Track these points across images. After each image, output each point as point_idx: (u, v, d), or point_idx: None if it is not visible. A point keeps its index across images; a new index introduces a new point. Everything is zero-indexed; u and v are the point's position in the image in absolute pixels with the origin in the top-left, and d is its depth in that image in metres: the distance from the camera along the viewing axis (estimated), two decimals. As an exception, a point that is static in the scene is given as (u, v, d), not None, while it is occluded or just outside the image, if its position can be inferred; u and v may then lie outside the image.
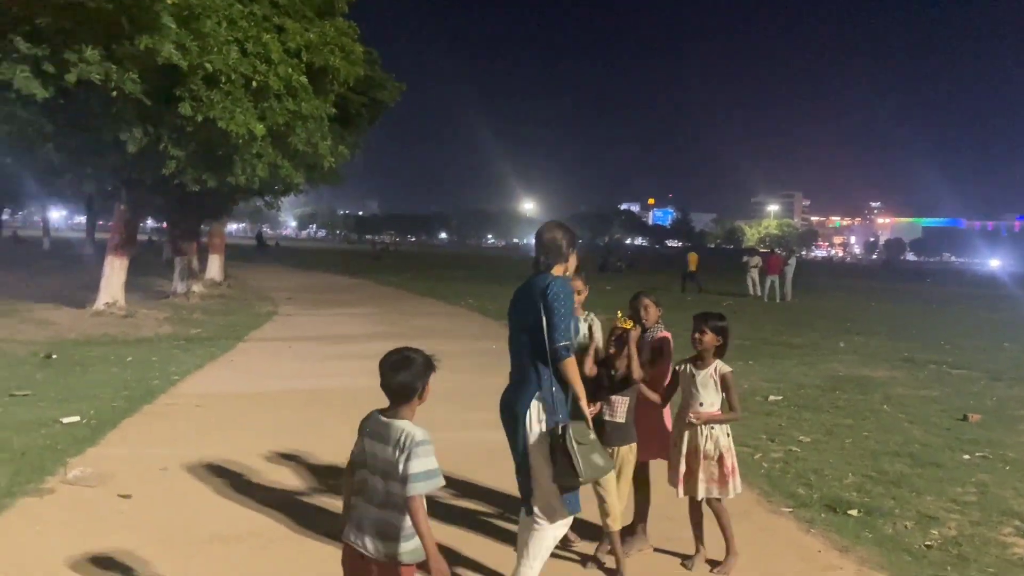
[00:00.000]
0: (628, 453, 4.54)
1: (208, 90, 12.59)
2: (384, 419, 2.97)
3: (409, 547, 2.89)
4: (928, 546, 4.97)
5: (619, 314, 4.55)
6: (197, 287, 20.39)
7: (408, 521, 2.86)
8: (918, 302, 29.50)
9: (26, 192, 41.86)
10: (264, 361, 11.20)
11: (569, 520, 3.93)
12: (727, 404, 4.63)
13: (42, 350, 10.97)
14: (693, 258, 31.26)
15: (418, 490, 2.81)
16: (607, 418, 4.48)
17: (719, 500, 4.59)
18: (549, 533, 3.86)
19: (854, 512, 5.53)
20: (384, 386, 2.97)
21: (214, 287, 22.62)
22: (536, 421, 3.81)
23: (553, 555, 4.14)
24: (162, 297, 19.64)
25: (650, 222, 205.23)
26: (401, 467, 2.83)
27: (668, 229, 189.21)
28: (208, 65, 11.90)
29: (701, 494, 4.54)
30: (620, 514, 4.44)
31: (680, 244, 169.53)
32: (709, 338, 4.59)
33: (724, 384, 4.59)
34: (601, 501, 4.42)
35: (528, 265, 4.27)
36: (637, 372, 4.43)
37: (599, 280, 34.44)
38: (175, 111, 12.45)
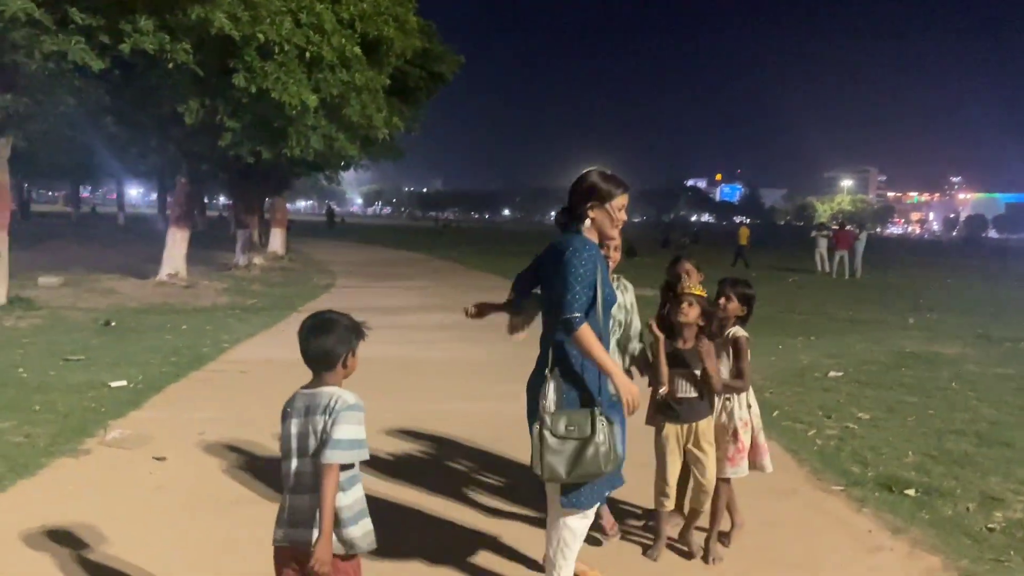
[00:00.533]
0: (706, 428, 4.10)
1: (262, 61, 12.64)
2: (308, 391, 2.68)
3: (357, 532, 2.62)
4: (990, 529, 4.62)
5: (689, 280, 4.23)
6: (258, 260, 20.72)
7: (348, 500, 2.58)
8: (998, 280, 28.18)
9: (103, 169, 43.30)
10: (315, 331, 11.24)
11: (586, 514, 3.40)
12: (734, 372, 4.23)
13: (102, 317, 11.22)
14: (744, 232, 31.35)
15: (337, 458, 2.51)
16: (679, 395, 4.04)
17: (726, 480, 4.23)
18: (564, 525, 3.37)
19: (911, 492, 5.20)
20: (304, 353, 2.67)
21: (276, 260, 22.98)
22: (549, 404, 3.25)
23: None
24: (224, 269, 20.02)
25: (717, 198, 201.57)
26: (326, 432, 2.54)
27: (736, 205, 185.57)
28: (261, 35, 11.92)
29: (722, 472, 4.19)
30: (709, 491, 4.12)
31: (747, 220, 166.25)
32: (733, 305, 4.25)
33: (735, 348, 4.20)
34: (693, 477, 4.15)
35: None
36: (664, 378, 4.02)
37: (660, 256, 34.01)
38: (230, 83, 12.54)
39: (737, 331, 4.24)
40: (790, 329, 12.75)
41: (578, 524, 3.38)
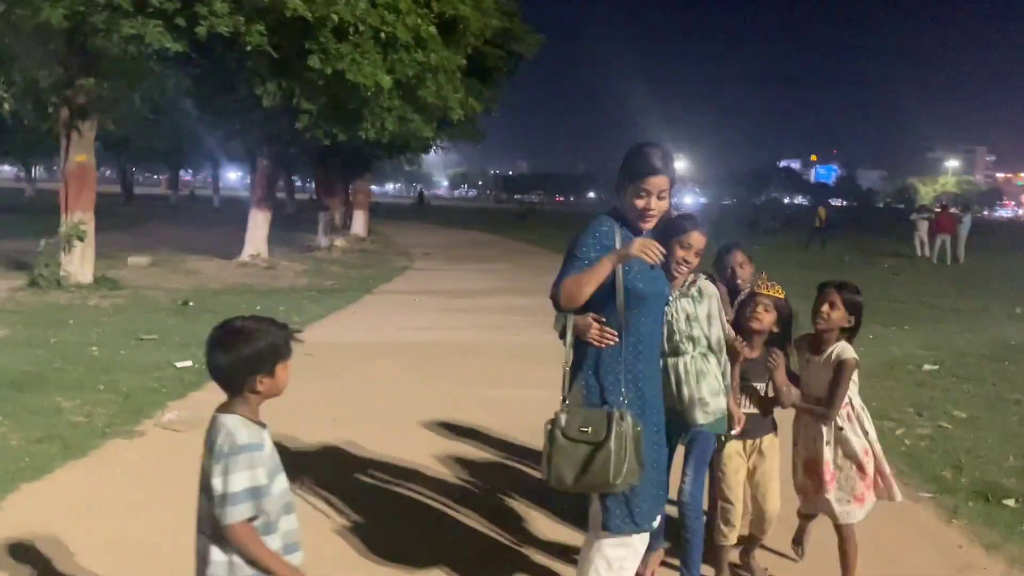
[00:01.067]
0: (770, 446, 3.66)
1: (337, 43, 12.60)
2: (215, 414, 2.24)
3: None
4: (1103, 549, 4.11)
5: (762, 278, 3.62)
6: (339, 241, 20.95)
7: (216, 555, 2.16)
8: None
9: (199, 153, 44.84)
10: (386, 313, 11.22)
11: (626, 542, 2.87)
12: (827, 398, 3.49)
13: (182, 298, 11.43)
14: (821, 212, 30.48)
15: (240, 514, 2.09)
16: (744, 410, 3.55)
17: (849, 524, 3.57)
18: (597, 551, 2.89)
19: (1011, 502, 4.69)
20: (208, 368, 2.25)
21: (357, 242, 23.21)
22: (569, 401, 2.87)
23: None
24: (306, 251, 20.31)
25: (812, 180, 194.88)
26: (214, 480, 2.12)
27: (831, 187, 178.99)
28: (335, 16, 11.86)
29: (837, 516, 3.56)
30: (772, 518, 3.68)
31: (843, 203, 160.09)
32: (839, 315, 3.47)
33: (837, 372, 3.45)
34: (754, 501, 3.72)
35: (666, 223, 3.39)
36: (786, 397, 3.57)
37: (748, 239, 32.91)
38: (306, 65, 12.56)
39: (844, 351, 3.49)
40: (882, 317, 12.00)
41: (614, 552, 2.87)
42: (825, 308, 3.48)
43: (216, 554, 2.15)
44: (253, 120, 14.57)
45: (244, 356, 2.17)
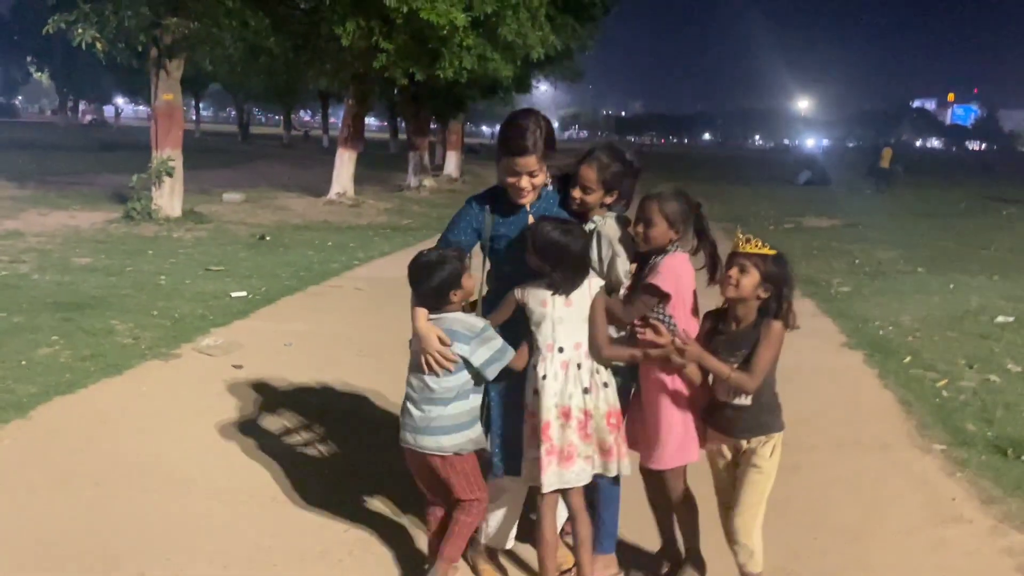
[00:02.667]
0: (766, 452, 2.94)
1: (413, -21, 12.58)
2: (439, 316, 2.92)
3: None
4: (1113, 513, 3.84)
5: (738, 233, 2.97)
6: (428, 181, 21.24)
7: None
8: None
9: (309, 94, 45.99)
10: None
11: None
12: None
13: (261, 232, 11.95)
14: (887, 153, 29.24)
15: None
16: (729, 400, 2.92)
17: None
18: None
19: (1030, 459, 4.43)
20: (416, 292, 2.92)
21: (448, 182, 23.48)
22: None
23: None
24: (396, 190, 20.71)
25: (948, 122, 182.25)
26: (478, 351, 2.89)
27: (969, 129, 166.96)
28: (409, -50, 11.83)
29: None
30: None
31: (983, 147, 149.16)
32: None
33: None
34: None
35: (786, 167, 3.12)
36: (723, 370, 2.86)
37: (856, 187, 31.34)
38: (383, 3, 12.63)
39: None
40: (973, 266, 11.31)
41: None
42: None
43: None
44: (333, 59, 14.81)
45: (441, 280, 2.82)
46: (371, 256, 10.41)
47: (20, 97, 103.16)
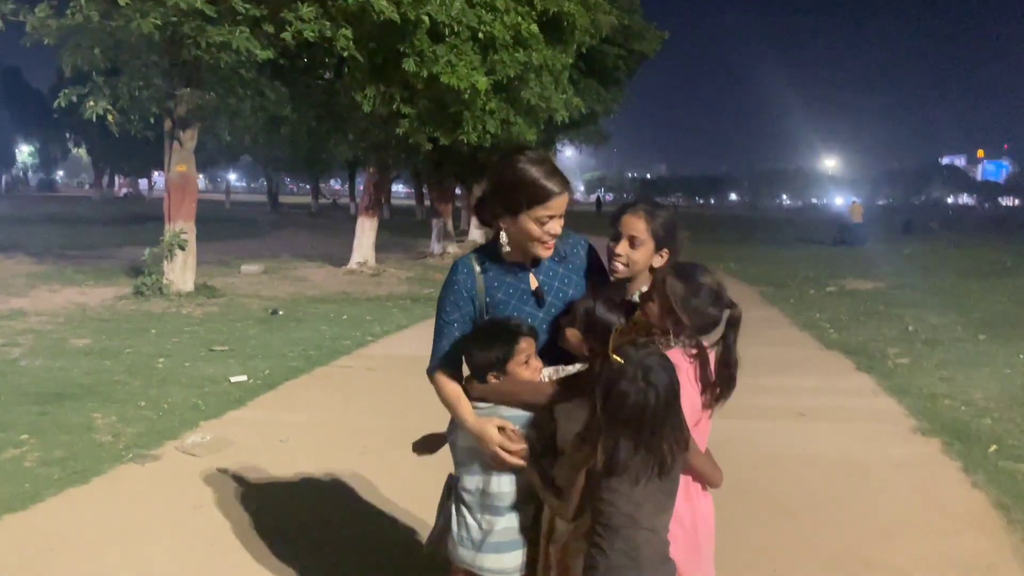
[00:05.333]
0: None
1: (432, 44, 12.29)
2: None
3: None
4: None
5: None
6: (452, 248, 20.76)
7: None
8: None
9: (337, 163, 46.37)
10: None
11: None
12: None
13: (277, 306, 11.39)
14: (856, 209, 28.86)
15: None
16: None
17: None
18: None
19: None
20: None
21: (473, 248, 22.99)
22: None
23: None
24: (419, 258, 20.24)
25: (979, 178, 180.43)
26: None
27: (1001, 185, 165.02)
28: (426, 18, 11.53)
29: None
30: None
31: (1016, 202, 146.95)
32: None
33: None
34: None
35: (818, 228, 2.55)
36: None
37: (900, 242, 30.46)
38: (402, 69, 12.32)
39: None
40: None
41: None
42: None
43: None
44: (353, 127, 14.53)
45: (481, 361, 2.32)
46: (387, 331, 9.77)
47: (61, 172, 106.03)
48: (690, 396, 2.06)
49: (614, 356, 1.94)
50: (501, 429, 2.23)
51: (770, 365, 7.64)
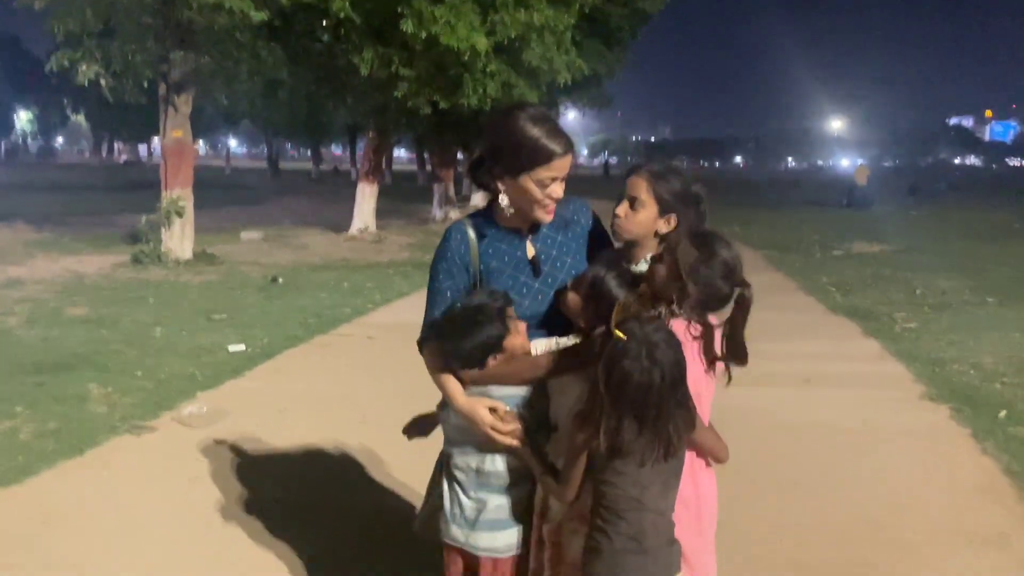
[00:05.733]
0: None
1: (431, 5, 12.01)
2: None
3: None
4: None
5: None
6: (454, 213, 20.57)
7: None
8: None
9: (338, 128, 45.94)
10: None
11: None
12: None
13: (277, 273, 11.27)
14: (862, 172, 28.79)
15: None
16: None
17: None
18: None
19: None
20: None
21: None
22: None
23: None
24: (422, 223, 20.08)
25: (986, 138, 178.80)
26: None
27: (1009, 146, 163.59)
28: (424, -24, 11.26)
29: None
30: None
31: (1022, 162, 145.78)
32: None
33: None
34: None
35: (824, 190, 2.42)
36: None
37: (907, 204, 30.18)
38: (400, 30, 12.06)
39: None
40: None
41: None
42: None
43: None
44: (355, 90, 14.29)
45: (474, 345, 2.14)
46: (388, 298, 9.66)
47: (61, 139, 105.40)
48: (692, 371, 1.95)
49: (617, 332, 1.82)
50: (493, 410, 2.12)
51: (776, 330, 7.51)
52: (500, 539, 2.19)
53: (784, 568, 3.46)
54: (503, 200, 2.22)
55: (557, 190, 2.19)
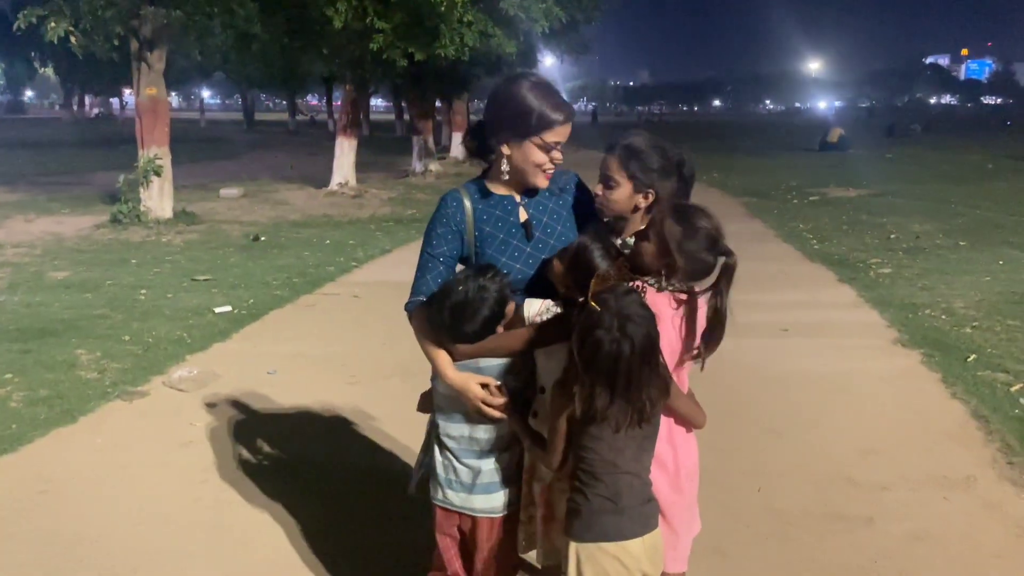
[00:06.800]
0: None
1: (406, -47, 11.80)
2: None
3: None
4: None
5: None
6: (434, 166, 20.47)
7: None
8: None
9: (314, 79, 45.02)
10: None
11: None
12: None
13: (258, 231, 11.24)
14: (835, 132, 29.90)
15: None
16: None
17: None
18: None
19: None
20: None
21: (455, 165, 22.69)
22: None
23: None
24: (401, 176, 19.96)
25: (962, 77, 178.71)
26: None
27: (984, 84, 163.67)
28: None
29: None
30: None
31: (999, 101, 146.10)
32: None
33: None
34: None
35: (801, 133, 2.44)
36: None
37: (882, 146, 30.29)
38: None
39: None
40: (1020, 239, 10.50)
41: None
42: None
43: None
44: (330, 43, 14.06)
45: (480, 326, 2.20)
46: (371, 255, 9.69)
47: (30, 93, 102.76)
48: (671, 342, 2.04)
49: (592, 303, 1.91)
50: (484, 385, 2.21)
51: (754, 280, 7.65)
52: (496, 499, 2.30)
53: (760, 514, 3.62)
54: (504, 165, 2.30)
55: (558, 155, 2.29)
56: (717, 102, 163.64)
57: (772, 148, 32.22)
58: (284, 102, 68.73)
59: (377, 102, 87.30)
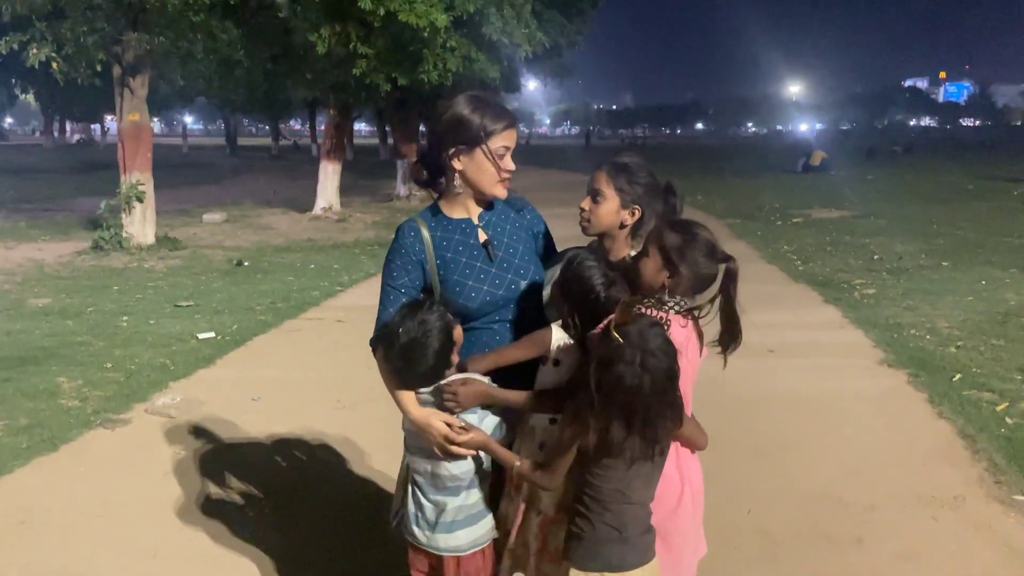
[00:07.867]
0: None
1: (389, -20, 11.88)
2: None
3: None
4: None
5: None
6: (418, 190, 20.49)
7: None
8: None
9: (298, 105, 45.11)
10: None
11: None
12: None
13: (240, 257, 11.19)
14: (818, 156, 30.58)
15: None
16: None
17: None
18: None
19: None
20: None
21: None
22: None
23: None
24: (385, 200, 19.97)
25: (941, 99, 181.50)
26: None
27: (962, 106, 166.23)
28: (382, -48, 11.12)
29: None
30: None
31: (977, 123, 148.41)
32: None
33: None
34: None
35: (783, 155, 2.41)
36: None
37: (863, 168, 30.64)
38: (357, 7, 11.92)
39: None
40: (1000, 257, 10.60)
41: None
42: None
43: None
44: (313, 67, 14.11)
45: (433, 360, 2.17)
46: (356, 279, 9.66)
47: (10, 119, 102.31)
48: (685, 370, 2.03)
49: (614, 333, 1.88)
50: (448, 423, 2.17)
51: (741, 301, 7.67)
52: (461, 538, 2.24)
53: (749, 535, 3.60)
54: (456, 180, 2.29)
55: (509, 162, 2.30)
56: (700, 125, 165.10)
57: (755, 170, 32.52)
58: (267, 127, 68.84)
59: (361, 126, 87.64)
